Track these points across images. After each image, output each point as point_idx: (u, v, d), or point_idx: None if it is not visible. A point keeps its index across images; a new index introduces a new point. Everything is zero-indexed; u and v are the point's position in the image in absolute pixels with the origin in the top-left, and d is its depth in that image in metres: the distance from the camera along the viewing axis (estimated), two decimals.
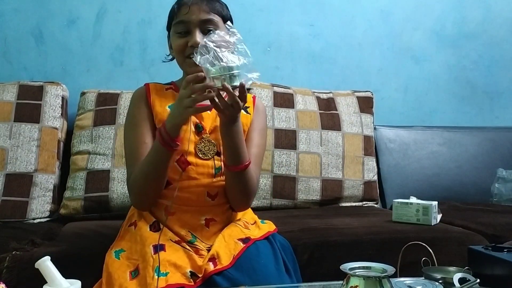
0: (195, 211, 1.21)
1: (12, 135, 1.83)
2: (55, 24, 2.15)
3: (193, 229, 1.20)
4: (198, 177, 1.22)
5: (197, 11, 1.21)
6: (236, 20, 1.33)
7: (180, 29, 1.23)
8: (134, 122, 1.26)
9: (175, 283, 1.06)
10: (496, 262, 0.99)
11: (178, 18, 1.23)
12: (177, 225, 1.20)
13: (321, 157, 2.06)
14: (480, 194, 2.25)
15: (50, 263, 0.87)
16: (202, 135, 1.24)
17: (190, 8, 1.21)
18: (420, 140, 2.35)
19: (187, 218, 1.21)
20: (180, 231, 1.19)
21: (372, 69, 2.49)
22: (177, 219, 1.20)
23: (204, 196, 1.22)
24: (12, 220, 1.72)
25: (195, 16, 1.21)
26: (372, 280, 0.84)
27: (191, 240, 1.18)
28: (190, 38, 1.21)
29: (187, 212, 1.21)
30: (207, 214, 1.22)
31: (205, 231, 1.21)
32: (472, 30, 2.59)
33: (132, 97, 1.31)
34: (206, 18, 1.22)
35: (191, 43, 1.21)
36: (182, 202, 1.20)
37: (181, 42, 1.23)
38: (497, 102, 2.62)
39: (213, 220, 1.22)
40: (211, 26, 1.23)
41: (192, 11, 1.21)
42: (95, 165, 1.85)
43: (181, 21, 1.22)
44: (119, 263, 1.13)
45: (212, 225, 1.22)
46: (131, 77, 2.18)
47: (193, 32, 1.21)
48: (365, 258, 0.99)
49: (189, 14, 1.21)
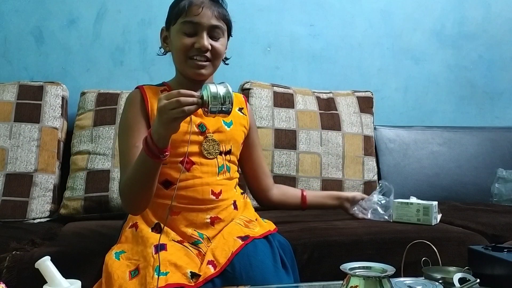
0: (200, 209, 1.22)
1: (12, 135, 1.83)
2: (55, 24, 2.15)
3: (199, 228, 1.20)
4: (203, 176, 1.23)
5: (210, 15, 1.21)
6: (236, 20, 1.34)
7: (188, 29, 1.22)
8: (128, 126, 1.25)
9: (175, 283, 1.06)
10: (496, 262, 0.99)
11: (187, 17, 1.22)
12: (183, 224, 1.20)
13: (321, 157, 2.06)
14: (480, 194, 2.25)
15: (50, 263, 0.87)
16: (206, 134, 1.25)
17: (202, 10, 1.21)
18: (420, 140, 2.35)
19: (193, 217, 1.21)
20: (186, 231, 1.19)
21: (372, 69, 2.49)
22: (183, 218, 1.20)
23: (209, 194, 1.23)
24: (12, 220, 1.72)
25: (206, 20, 1.21)
26: (372, 280, 0.84)
27: (196, 242, 1.18)
28: (198, 40, 1.21)
29: (193, 211, 1.21)
30: (212, 212, 1.22)
31: (210, 229, 1.21)
32: (472, 30, 2.59)
33: (127, 101, 1.30)
34: (216, 24, 1.23)
35: (199, 45, 1.21)
36: (187, 201, 1.20)
37: (187, 42, 1.22)
38: (497, 102, 2.62)
39: (217, 218, 1.23)
40: (218, 33, 1.24)
41: (204, 13, 1.21)
42: (95, 165, 1.85)
43: (191, 21, 1.21)
44: (118, 263, 1.13)
45: (217, 223, 1.22)
46: (131, 77, 2.18)
47: (201, 35, 1.21)
48: (365, 258, 0.99)
49: (200, 16, 1.21)
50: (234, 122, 1.31)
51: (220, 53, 1.26)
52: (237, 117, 1.33)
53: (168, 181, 1.23)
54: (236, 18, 1.33)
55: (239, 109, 1.36)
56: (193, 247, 1.17)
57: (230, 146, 1.29)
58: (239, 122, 1.34)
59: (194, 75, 1.26)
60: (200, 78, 1.27)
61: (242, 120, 1.35)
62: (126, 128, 1.26)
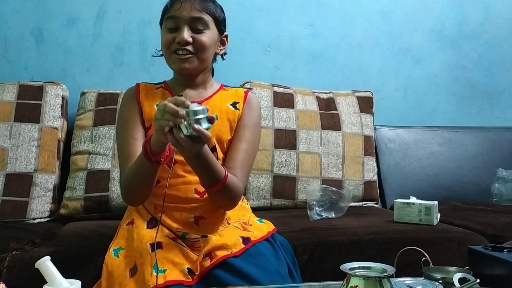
0: (184, 208, 1.21)
1: (12, 135, 1.83)
2: (55, 24, 2.15)
3: (183, 226, 1.20)
4: (186, 174, 1.22)
5: (189, 8, 1.22)
6: (236, 20, 1.34)
7: (170, 24, 1.24)
8: (124, 120, 1.28)
9: (173, 280, 1.06)
10: (496, 262, 0.99)
11: (169, 13, 1.24)
12: (168, 221, 1.20)
13: (321, 157, 2.06)
14: (480, 194, 2.25)
15: (50, 263, 0.87)
16: None
17: (182, 4, 1.22)
18: (420, 140, 2.35)
19: (177, 215, 1.20)
20: (172, 225, 1.19)
21: (372, 69, 2.49)
22: (167, 216, 1.20)
23: (192, 193, 1.22)
24: (12, 220, 1.72)
25: (186, 13, 1.22)
26: (372, 280, 0.84)
27: (182, 235, 1.18)
28: (178, 34, 1.22)
29: (177, 210, 1.21)
30: (197, 212, 1.21)
31: (194, 228, 1.20)
32: (472, 30, 2.59)
33: (123, 97, 1.34)
34: (196, 16, 1.22)
35: (178, 39, 1.21)
36: (171, 200, 1.20)
37: (169, 37, 1.23)
38: (497, 102, 2.62)
39: (202, 218, 1.21)
40: (201, 25, 1.23)
41: (183, 7, 1.22)
42: (95, 165, 1.85)
43: (172, 16, 1.23)
44: (118, 261, 1.14)
45: (202, 223, 1.21)
46: (131, 77, 2.17)
47: (181, 28, 1.22)
48: (365, 258, 0.99)
49: (180, 10, 1.22)
50: (219, 117, 1.25)
51: (204, 45, 1.24)
52: (226, 112, 1.28)
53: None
54: (236, 18, 1.33)
55: (232, 103, 1.31)
56: (185, 241, 1.17)
57: (214, 143, 1.25)
58: (227, 117, 1.28)
59: (179, 70, 1.27)
60: (185, 73, 1.27)
61: (231, 115, 1.29)
62: (123, 122, 1.28)
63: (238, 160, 1.24)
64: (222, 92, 1.34)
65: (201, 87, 1.32)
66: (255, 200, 1.95)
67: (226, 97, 1.32)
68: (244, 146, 1.26)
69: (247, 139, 1.28)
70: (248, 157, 1.27)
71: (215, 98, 1.31)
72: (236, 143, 1.27)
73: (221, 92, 1.34)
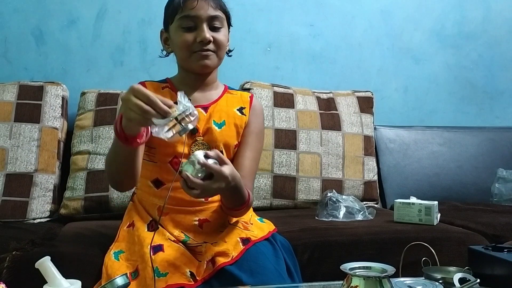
0: (188, 211, 1.21)
1: (12, 135, 1.83)
2: (55, 24, 2.15)
3: (186, 230, 1.20)
4: None
5: (206, 6, 1.20)
6: (236, 20, 1.34)
7: (186, 23, 1.20)
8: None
9: (175, 283, 1.06)
10: (496, 262, 0.99)
11: (184, 12, 1.20)
12: (170, 225, 1.20)
13: (321, 157, 2.06)
14: (480, 194, 2.25)
15: (50, 263, 0.87)
16: (195, 137, 1.22)
17: (198, 2, 1.19)
18: (420, 140, 2.35)
19: (180, 218, 1.20)
20: (173, 232, 1.19)
21: (372, 69, 2.49)
22: (170, 219, 1.20)
23: None
24: (12, 220, 1.71)
25: (204, 11, 1.19)
26: (372, 280, 0.84)
27: (184, 240, 1.18)
28: (199, 33, 1.19)
29: (180, 213, 1.20)
30: (200, 215, 1.21)
31: (198, 231, 1.20)
32: (472, 30, 2.59)
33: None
34: (214, 14, 1.21)
35: (201, 38, 1.19)
36: (176, 203, 1.19)
37: (188, 37, 1.20)
38: (497, 102, 2.62)
39: (206, 221, 1.21)
40: (218, 23, 1.22)
41: (200, 6, 1.19)
42: (95, 165, 1.85)
43: (188, 15, 1.20)
44: (119, 264, 1.13)
45: (205, 226, 1.21)
46: (131, 77, 2.17)
47: (201, 27, 1.19)
48: (365, 258, 0.99)
49: (197, 9, 1.19)
50: (227, 122, 1.26)
51: (223, 43, 1.24)
52: (233, 117, 1.28)
53: (159, 180, 1.23)
54: (236, 18, 1.32)
55: (239, 109, 1.31)
56: (186, 245, 1.17)
57: (221, 148, 1.25)
58: (234, 123, 1.28)
59: (200, 68, 1.23)
60: (206, 70, 1.25)
61: (238, 121, 1.29)
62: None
63: (247, 168, 1.25)
64: (227, 95, 1.32)
65: (208, 87, 1.29)
66: (255, 200, 1.95)
67: (232, 101, 1.31)
68: (251, 153, 1.28)
69: (254, 147, 1.29)
70: (255, 165, 1.30)
71: (221, 102, 1.29)
72: (243, 150, 1.28)
73: (227, 95, 1.32)
